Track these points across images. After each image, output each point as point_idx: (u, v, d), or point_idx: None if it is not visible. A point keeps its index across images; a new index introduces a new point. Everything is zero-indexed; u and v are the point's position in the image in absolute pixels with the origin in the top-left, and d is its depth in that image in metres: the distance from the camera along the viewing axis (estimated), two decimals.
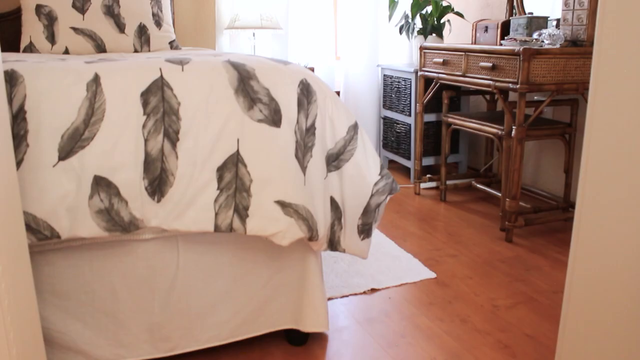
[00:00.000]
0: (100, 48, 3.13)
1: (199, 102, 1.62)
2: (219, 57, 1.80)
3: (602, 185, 1.24)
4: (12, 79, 1.52)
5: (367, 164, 1.82)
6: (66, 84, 1.55)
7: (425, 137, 3.90)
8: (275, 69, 1.76)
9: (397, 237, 2.98)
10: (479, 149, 4.16)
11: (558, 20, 3.12)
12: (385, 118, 4.28)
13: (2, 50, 2.94)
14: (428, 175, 3.78)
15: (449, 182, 3.70)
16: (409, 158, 3.99)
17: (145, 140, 1.57)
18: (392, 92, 4.13)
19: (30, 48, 3.05)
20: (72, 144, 1.52)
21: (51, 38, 3.07)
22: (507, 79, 2.82)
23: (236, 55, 1.95)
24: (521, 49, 2.70)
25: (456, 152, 4.08)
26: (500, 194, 3.10)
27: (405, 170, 4.33)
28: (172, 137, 1.59)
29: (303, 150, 1.72)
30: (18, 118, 1.49)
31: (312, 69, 3.86)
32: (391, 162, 4.47)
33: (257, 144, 1.65)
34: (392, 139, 4.21)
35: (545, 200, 3.52)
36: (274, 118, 1.67)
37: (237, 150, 1.63)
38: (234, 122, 1.64)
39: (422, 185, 3.85)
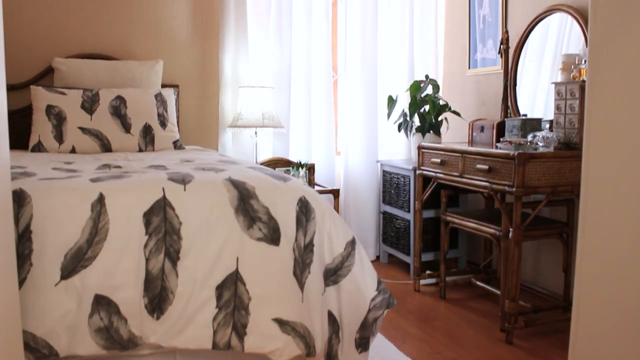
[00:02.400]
0: (106, 147, 3.22)
1: (200, 221, 1.67)
2: (220, 174, 1.86)
3: (597, 289, 1.23)
4: (19, 199, 1.57)
5: (364, 279, 1.84)
6: (71, 204, 1.60)
7: (424, 233, 3.93)
8: (275, 187, 1.82)
9: (397, 339, 2.95)
10: (478, 243, 4.18)
11: (551, 121, 3.20)
12: (384, 213, 4.33)
13: (11, 147, 3.01)
14: (427, 272, 3.78)
15: (448, 279, 3.69)
16: (408, 253, 4.00)
17: (147, 260, 1.60)
18: (391, 187, 4.19)
19: (39, 147, 3.14)
20: (74, 264, 1.55)
21: (59, 137, 3.16)
22: (503, 182, 2.88)
23: (238, 170, 2.01)
24: (516, 154, 2.76)
25: (455, 246, 4.10)
26: (499, 292, 3.10)
27: (405, 265, 4.33)
28: (173, 256, 1.62)
29: (301, 267, 1.74)
30: (23, 238, 1.53)
31: (313, 165, 3.94)
32: (390, 256, 4.48)
33: (256, 262, 1.68)
34: (391, 233, 4.24)
35: (545, 298, 3.51)
36: (273, 236, 1.71)
37: (237, 269, 1.66)
38: (233, 241, 1.68)
39: (422, 281, 3.84)
